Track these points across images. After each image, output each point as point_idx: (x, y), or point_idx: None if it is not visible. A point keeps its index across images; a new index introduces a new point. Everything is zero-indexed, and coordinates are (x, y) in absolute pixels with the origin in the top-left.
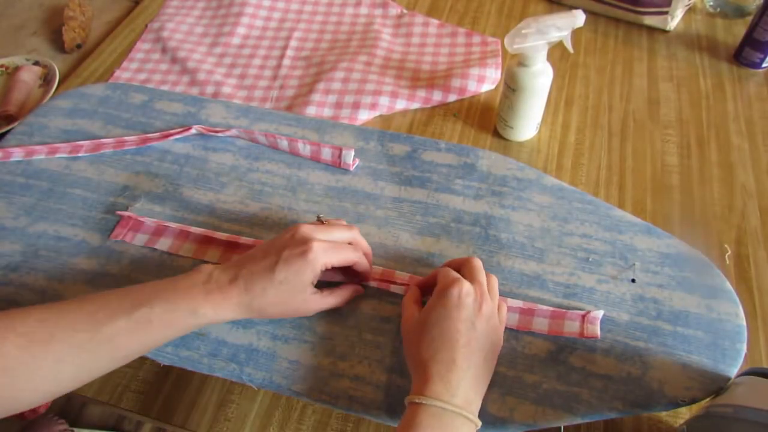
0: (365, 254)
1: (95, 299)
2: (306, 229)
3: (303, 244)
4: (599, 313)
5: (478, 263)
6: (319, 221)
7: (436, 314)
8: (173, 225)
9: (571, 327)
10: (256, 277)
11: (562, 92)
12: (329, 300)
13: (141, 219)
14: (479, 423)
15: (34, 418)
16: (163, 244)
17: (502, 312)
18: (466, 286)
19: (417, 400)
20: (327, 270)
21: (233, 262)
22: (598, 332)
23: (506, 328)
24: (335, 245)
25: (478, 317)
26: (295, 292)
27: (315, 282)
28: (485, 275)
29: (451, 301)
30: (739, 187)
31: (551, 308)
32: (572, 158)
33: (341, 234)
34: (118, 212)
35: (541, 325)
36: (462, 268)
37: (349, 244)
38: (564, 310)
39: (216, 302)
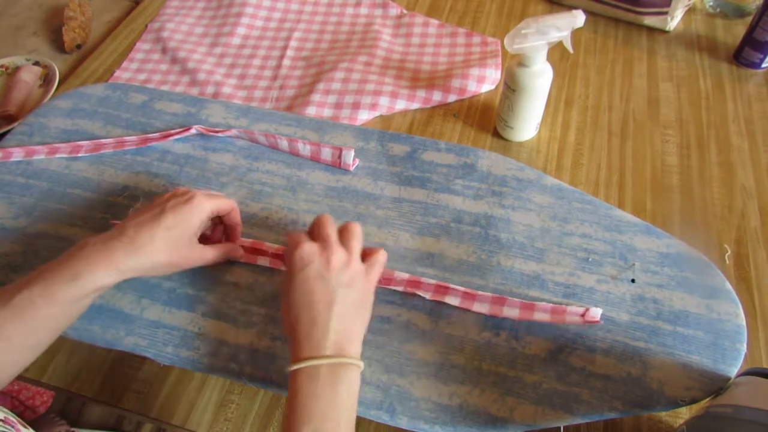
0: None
1: None
2: (184, 188)
3: (186, 194)
4: (597, 311)
5: (322, 218)
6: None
7: (288, 282)
8: None
9: (572, 318)
10: (143, 226)
11: (562, 92)
12: (211, 252)
13: None
14: (361, 363)
15: (35, 418)
16: None
17: (372, 258)
18: (306, 246)
19: (291, 368)
20: (216, 215)
21: (116, 225)
22: (599, 317)
23: (506, 328)
24: (215, 194)
25: (328, 271)
26: (182, 238)
27: (201, 230)
28: (334, 228)
29: (296, 265)
30: (739, 187)
31: (551, 305)
32: (572, 158)
33: (219, 199)
34: (112, 222)
35: (542, 317)
36: (312, 227)
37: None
38: (564, 307)
39: (97, 261)
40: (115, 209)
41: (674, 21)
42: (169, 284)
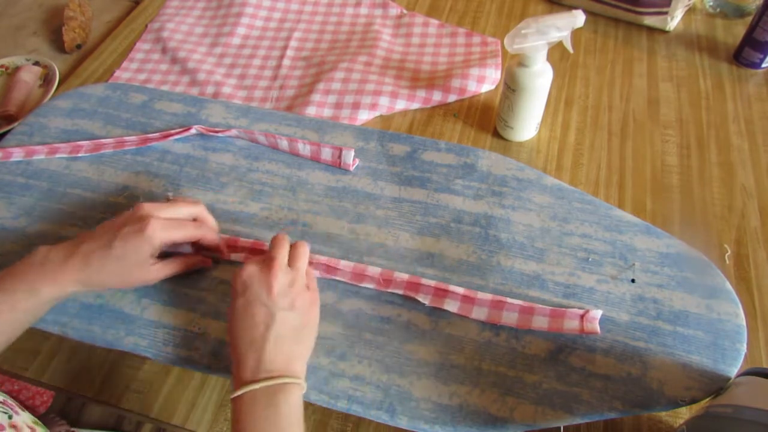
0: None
1: None
2: (146, 207)
3: (140, 221)
4: (598, 313)
5: (274, 239)
6: (166, 199)
7: (232, 306)
8: None
9: (571, 325)
10: (93, 254)
11: (562, 92)
12: (169, 268)
13: None
14: (302, 382)
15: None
16: None
17: (296, 264)
18: (248, 269)
19: (232, 395)
20: (173, 243)
21: (72, 240)
22: (598, 329)
23: (506, 328)
24: (175, 222)
25: (269, 295)
26: (133, 265)
27: (155, 255)
28: (285, 249)
29: (236, 289)
30: (739, 187)
31: (551, 308)
32: (572, 158)
33: (185, 210)
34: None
35: (540, 323)
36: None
37: (195, 220)
38: (563, 309)
39: (53, 278)
40: (115, 209)
41: (674, 21)
42: (169, 284)
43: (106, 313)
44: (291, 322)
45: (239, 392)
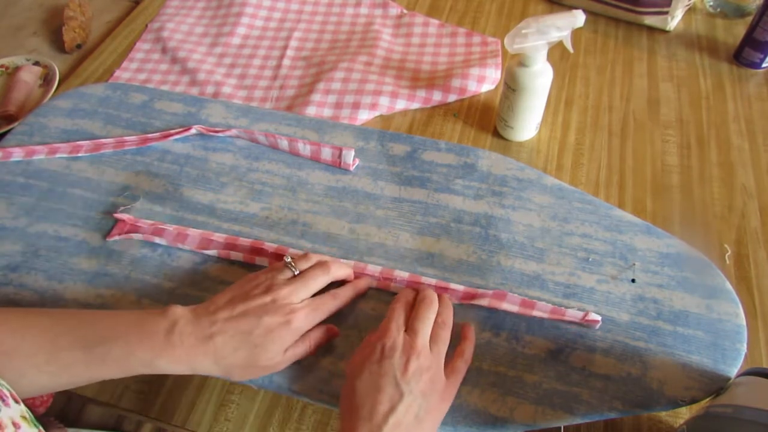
0: (350, 276)
1: (64, 320)
2: (286, 292)
3: (286, 312)
4: (597, 317)
5: (427, 304)
6: (289, 267)
7: (361, 364)
8: (170, 227)
9: (572, 315)
10: (230, 341)
11: (562, 92)
12: (299, 352)
13: (138, 223)
14: None
15: None
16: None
17: (456, 365)
18: (391, 340)
19: None
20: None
21: (206, 312)
22: (599, 318)
23: (506, 328)
24: (317, 306)
25: (403, 375)
26: (268, 355)
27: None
28: (430, 320)
29: (374, 354)
30: (739, 187)
31: (551, 306)
32: (572, 158)
33: (320, 282)
34: (115, 215)
35: (541, 313)
36: (415, 305)
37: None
38: (564, 309)
39: (176, 357)
40: (115, 209)
41: (674, 21)
42: (169, 284)
43: None
44: (414, 410)
45: None
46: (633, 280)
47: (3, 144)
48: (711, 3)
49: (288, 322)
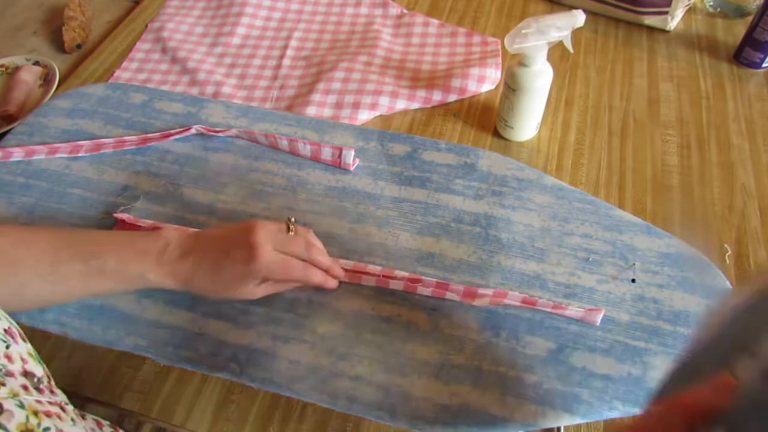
0: (328, 270)
1: (63, 235)
2: (262, 234)
3: (251, 250)
4: (599, 313)
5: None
6: (287, 226)
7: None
8: (171, 227)
9: (573, 314)
10: (202, 267)
11: (562, 92)
12: (272, 287)
13: (138, 223)
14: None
15: None
16: None
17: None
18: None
19: None
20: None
21: (191, 237)
22: (599, 319)
23: (506, 328)
24: (284, 263)
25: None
26: (236, 285)
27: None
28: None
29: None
30: (739, 187)
31: (552, 303)
32: (572, 158)
33: (297, 250)
34: (115, 214)
35: (543, 307)
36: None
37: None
38: (565, 306)
39: (164, 273)
40: (115, 209)
41: (674, 21)
42: None
43: (106, 313)
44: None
45: None
46: (633, 280)
47: (3, 144)
48: (711, 3)
49: (247, 262)
